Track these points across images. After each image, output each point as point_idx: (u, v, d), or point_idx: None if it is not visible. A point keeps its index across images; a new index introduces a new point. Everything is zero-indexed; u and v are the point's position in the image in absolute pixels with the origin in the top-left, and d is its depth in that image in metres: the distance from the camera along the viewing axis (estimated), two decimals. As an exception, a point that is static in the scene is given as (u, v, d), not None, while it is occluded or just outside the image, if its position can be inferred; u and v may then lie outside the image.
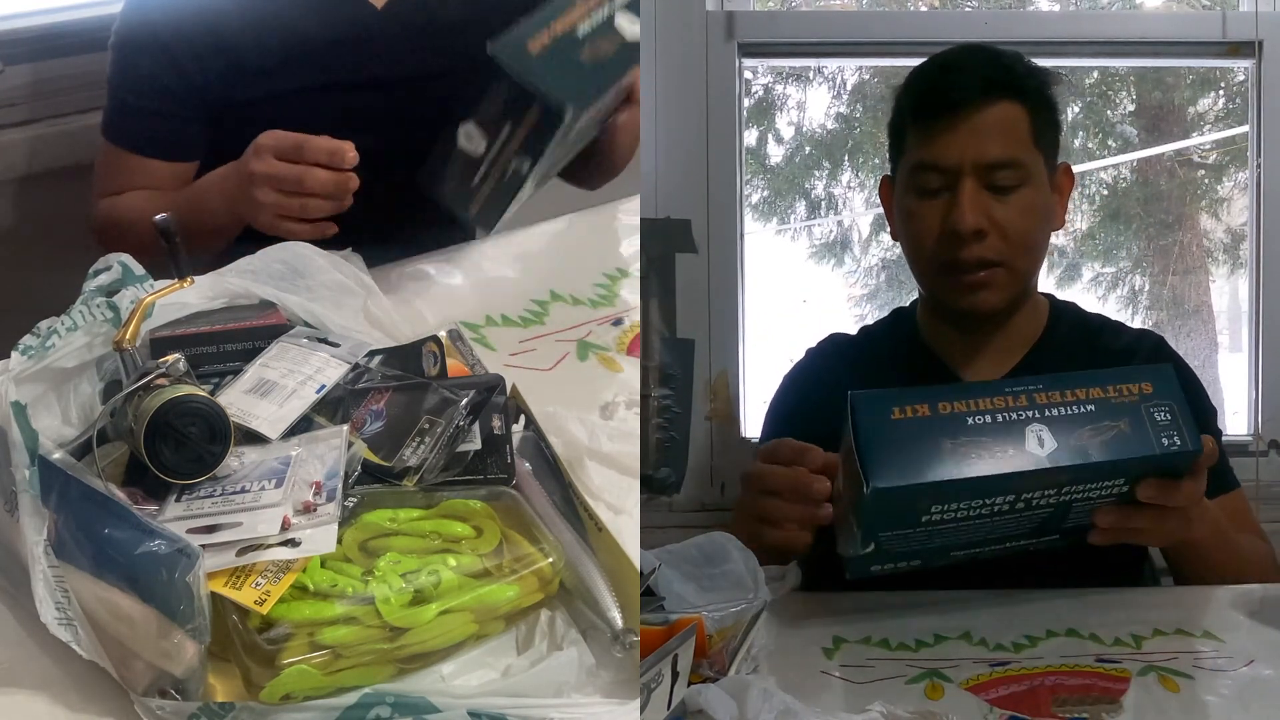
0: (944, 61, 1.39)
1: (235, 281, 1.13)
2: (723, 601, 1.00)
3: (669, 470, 2.01)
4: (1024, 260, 1.36)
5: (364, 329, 1.17)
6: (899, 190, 1.41)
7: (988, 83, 1.33)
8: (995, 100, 1.32)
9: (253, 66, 1.50)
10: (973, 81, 1.33)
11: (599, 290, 1.43)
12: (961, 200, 1.31)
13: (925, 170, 1.34)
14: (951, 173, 1.32)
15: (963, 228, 1.30)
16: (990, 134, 1.32)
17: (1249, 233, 2.12)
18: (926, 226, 1.35)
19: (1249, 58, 2.03)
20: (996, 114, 1.32)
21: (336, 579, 0.84)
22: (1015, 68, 1.36)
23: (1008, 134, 1.33)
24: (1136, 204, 2.30)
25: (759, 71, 2.24)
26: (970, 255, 1.32)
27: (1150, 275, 2.31)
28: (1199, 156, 2.31)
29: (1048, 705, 0.94)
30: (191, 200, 1.48)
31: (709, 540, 1.11)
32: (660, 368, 2.01)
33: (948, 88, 1.34)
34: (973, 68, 1.36)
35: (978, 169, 1.32)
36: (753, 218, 2.25)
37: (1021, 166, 1.33)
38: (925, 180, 1.34)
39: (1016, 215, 1.33)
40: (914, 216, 1.36)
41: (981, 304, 1.35)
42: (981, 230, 1.31)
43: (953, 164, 1.32)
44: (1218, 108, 2.30)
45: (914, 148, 1.36)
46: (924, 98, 1.36)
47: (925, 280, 1.41)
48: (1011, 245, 1.33)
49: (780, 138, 2.31)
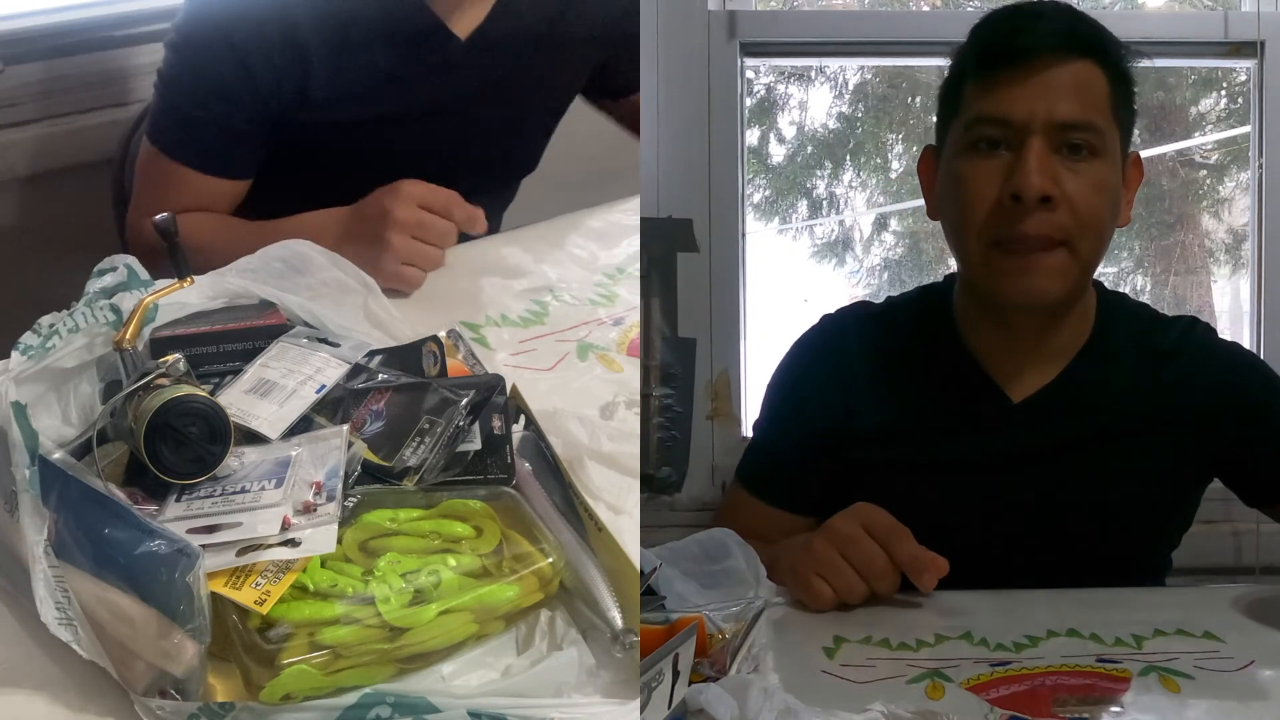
0: (1020, 8, 1.22)
1: (235, 281, 1.13)
2: (724, 599, 1.00)
3: (670, 470, 2.00)
4: (1089, 244, 1.18)
5: (364, 329, 1.17)
6: (948, 154, 1.22)
7: (1068, 36, 1.17)
8: (1076, 57, 1.16)
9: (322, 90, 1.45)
10: (1051, 31, 1.17)
11: (599, 290, 1.43)
12: (1029, 159, 1.14)
13: (985, 123, 1.17)
14: (1017, 130, 1.15)
15: (1028, 190, 1.13)
16: (1067, 91, 1.15)
17: (1250, 233, 2.12)
18: (981, 191, 1.16)
19: (1251, 58, 2.03)
20: (1075, 71, 1.16)
21: (336, 579, 0.84)
22: (1100, 27, 1.21)
23: (1086, 94, 1.16)
24: (1138, 204, 2.29)
25: (761, 71, 2.24)
26: (1033, 228, 1.15)
27: (1152, 275, 2.30)
28: (1201, 156, 2.30)
29: (1048, 705, 0.94)
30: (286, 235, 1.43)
31: (709, 537, 1.11)
32: (661, 367, 2.01)
33: (1022, 33, 1.17)
34: (1054, 17, 1.19)
35: (1050, 128, 1.15)
36: (754, 217, 2.25)
37: (1098, 131, 1.16)
38: (985, 133, 1.17)
39: (1089, 188, 1.15)
40: (966, 179, 1.18)
41: (1038, 291, 1.17)
42: (1049, 196, 1.14)
43: (1020, 118, 1.15)
44: (1219, 108, 2.29)
45: (973, 101, 1.19)
46: (992, 44, 1.19)
47: (970, 260, 1.21)
48: (1080, 222, 1.16)
49: (782, 137, 2.31)
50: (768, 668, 0.99)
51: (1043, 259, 1.16)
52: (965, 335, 1.28)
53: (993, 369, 1.26)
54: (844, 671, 1.01)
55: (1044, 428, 1.24)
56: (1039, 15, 1.20)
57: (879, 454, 1.28)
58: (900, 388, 1.30)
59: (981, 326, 1.27)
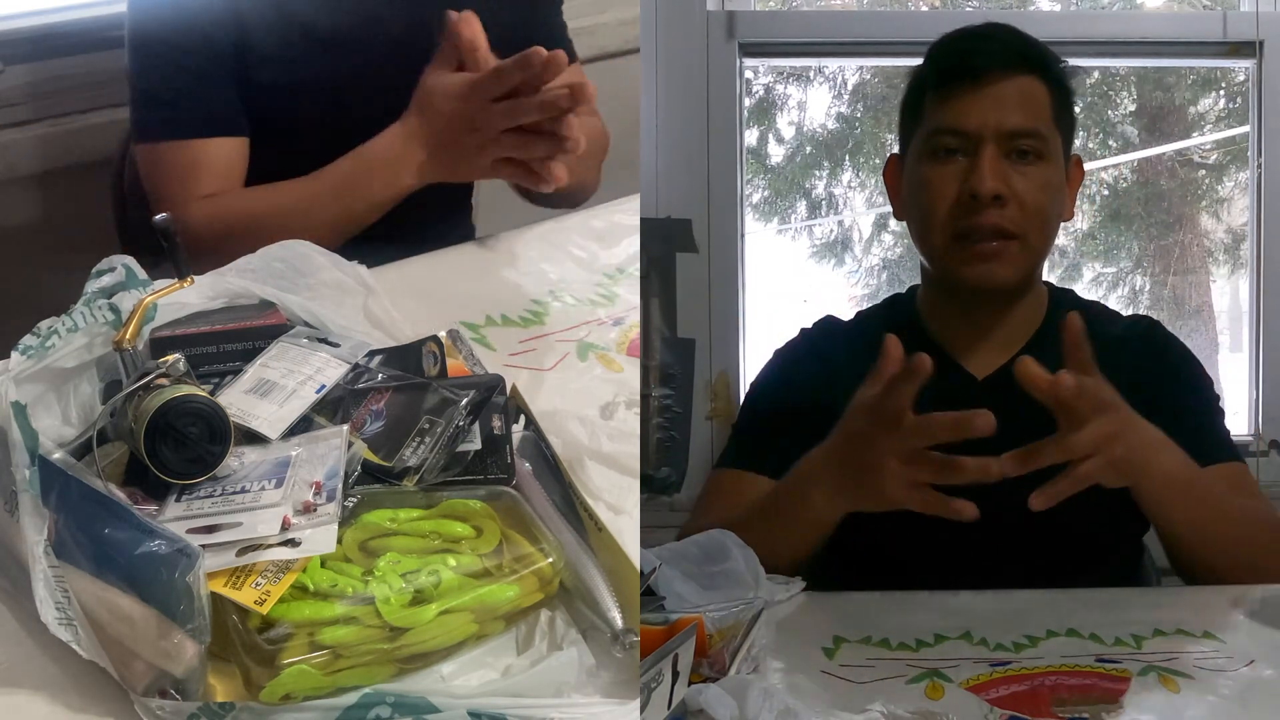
0: (971, 31, 1.39)
1: (235, 281, 1.13)
2: (724, 599, 1.00)
3: (669, 470, 2.01)
4: (1038, 236, 1.34)
5: (364, 329, 1.17)
6: (911, 162, 1.38)
7: (1013, 55, 1.33)
8: (1020, 72, 1.32)
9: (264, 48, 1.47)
10: (999, 50, 1.33)
11: (599, 290, 1.43)
12: (982, 164, 1.30)
13: (944, 134, 1.33)
14: (971, 139, 1.31)
15: (983, 190, 1.29)
16: (1013, 103, 1.31)
17: (1249, 233, 2.12)
18: (941, 192, 1.32)
19: (1250, 58, 2.04)
20: (1020, 85, 1.32)
21: (336, 579, 0.84)
22: (1040, 46, 1.37)
23: (1030, 105, 1.32)
24: (1137, 204, 2.30)
25: (760, 71, 2.24)
26: (987, 221, 1.30)
27: (1151, 275, 2.31)
28: (1200, 156, 2.31)
29: (1048, 705, 0.94)
30: (346, 180, 1.43)
31: (709, 538, 1.11)
32: (660, 367, 2.01)
33: (973, 53, 1.34)
34: (999, 38, 1.36)
35: (999, 136, 1.31)
36: (753, 217, 2.25)
37: (1042, 138, 1.32)
38: (943, 142, 1.33)
39: (1035, 188, 1.31)
40: (928, 184, 1.34)
41: (994, 276, 1.33)
42: (1001, 195, 1.29)
43: (973, 129, 1.31)
44: (1218, 108, 2.30)
45: (933, 114, 1.35)
46: (949, 62, 1.36)
47: (935, 253, 1.37)
48: (1028, 217, 1.31)
49: (781, 137, 2.31)
50: (768, 668, 0.99)
51: (998, 248, 1.31)
52: (929, 325, 1.42)
53: (956, 352, 1.39)
54: (844, 671, 1.01)
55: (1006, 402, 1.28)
56: (989, 36, 1.38)
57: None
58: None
59: (944, 314, 1.41)
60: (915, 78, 1.41)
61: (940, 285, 1.40)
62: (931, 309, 1.43)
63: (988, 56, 1.33)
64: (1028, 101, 1.32)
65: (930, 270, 1.41)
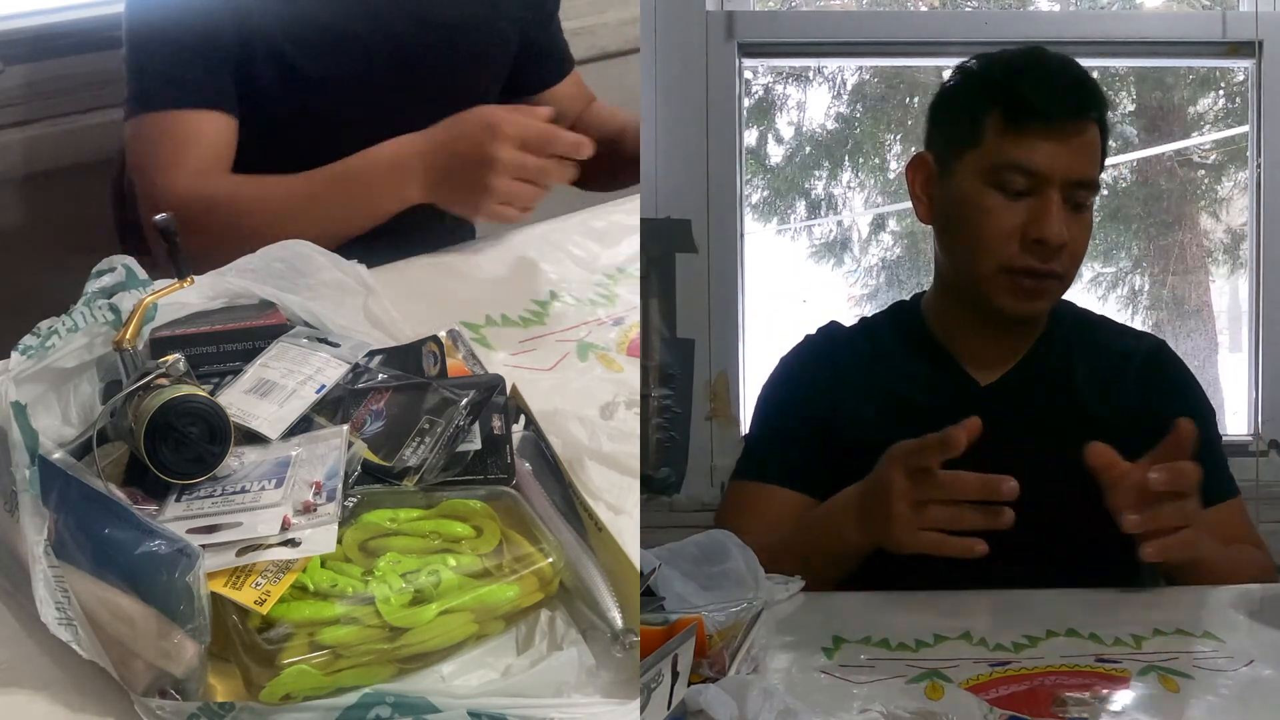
0: (1043, 62, 1.38)
1: (235, 281, 1.13)
2: (723, 600, 1.00)
3: (669, 470, 2.01)
4: (1073, 275, 1.38)
5: (364, 329, 1.17)
6: (966, 180, 1.37)
7: (1086, 98, 1.34)
8: (1086, 119, 1.34)
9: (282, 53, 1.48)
10: (1072, 94, 1.34)
11: (599, 290, 1.43)
12: (1052, 210, 1.31)
13: (1013, 170, 1.33)
14: (1038, 179, 1.32)
15: (1054, 239, 1.31)
16: (1082, 151, 1.33)
17: (1249, 233, 2.12)
18: (1003, 227, 1.33)
19: (1249, 58, 2.04)
20: (1086, 132, 1.34)
21: (336, 579, 0.84)
22: (1098, 86, 1.38)
23: (1093, 154, 1.34)
24: (1136, 204, 2.30)
25: (759, 71, 2.24)
26: (1044, 264, 1.33)
27: (1150, 275, 2.31)
28: (1199, 156, 2.31)
29: (1048, 705, 0.94)
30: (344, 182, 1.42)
31: (708, 538, 1.11)
32: (660, 368, 2.01)
33: (1050, 93, 1.33)
34: (1070, 75, 1.36)
35: (1066, 184, 1.32)
36: (753, 218, 2.25)
37: (1097, 189, 1.36)
38: (1011, 180, 1.33)
39: (1081, 233, 1.35)
40: (991, 213, 1.34)
41: (1033, 309, 1.37)
42: (1065, 244, 1.32)
43: (1044, 171, 1.31)
44: (1217, 107, 2.30)
45: (1000, 145, 1.34)
46: (1023, 98, 1.33)
47: (977, 278, 1.37)
48: (1074, 261, 1.36)
49: (780, 138, 2.31)
50: (767, 668, 0.99)
51: (1045, 287, 1.35)
52: (936, 332, 1.44)
53: (962, 359, 1.42)
54: (844, 671, 1.01)
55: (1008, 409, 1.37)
56: (1060, 73, 1.36)
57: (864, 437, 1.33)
58: (880, 380, 1.43)
59: (954, 323, 1.43)
60: (972, 90, 1.39)
61: (959, 298, 1.41)
62: (940, 317, 1.44)
63: (1063, 100, 1.33)
64: (1091, 149, 1.34)
65: (954, 283, 1.42)
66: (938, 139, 1.41)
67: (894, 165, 2.31)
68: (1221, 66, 2.19)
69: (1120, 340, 1.46)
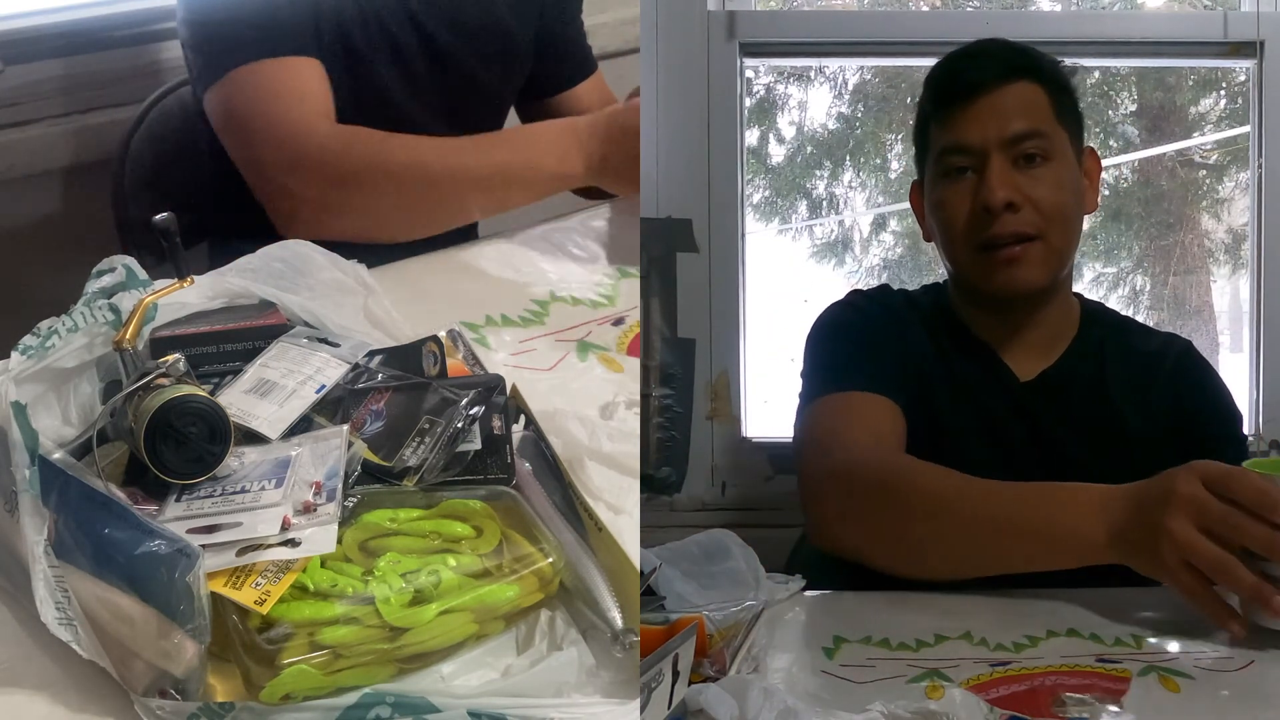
0: (961, 51, 1.42)
1: (235, 281, 1.13)
2: (724, 599, 1.00)
3: (669, 470, 2.01)
4: (1059, 236, 1.35)
5: (364, 329, 1.17)
6: (928, 185, 1.42)
7: (1005, 65, 1.36)
8: (1014, 80, 1.35)
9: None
10: (990, 64, 1.37)
11: (599, 290, 1.43)
12: (990, 176, 1.32)
13: (951, 153, 1.36)
14: (978, 153, 1.34)
15: (993, 201, 1.31)
16: (1010, 110, 1.34)
17: (1250, 233, 2.12)
18: (957, 209, 1.35)
19: (1250, 58, 2.04)
20: (1016, 92, 1.35)
21: (336, 579, 0.84)
22: (1030, 52, 1.40)
23: (1028, 109, 1.35)
24: (1138, 204, 2.30)
25: (760, 71, 2.24)
26: (1004, 229, 1.32)
27: (1151, 275, 2.31)
28: (1200, 157, 2.31)
29: (1048, 705, 0.94)
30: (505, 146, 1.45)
31: (709, 538, 1.11)
32: (661, 367, 2.01)
33: (965, 70, 1.38)
34: (990, 53, 1.40)
35: (1003, 144, 1.33)
36: (754, 217, 2.25)
37: (1045, 137, 1.34)
38: (952, 162, 1.36)
39: (1047, 189, 1.34)
40: (944, 202, 1.37)
41: (1018, 280, 1.34)
42: (1013, 203, 1.32)
43: (977, 142, 1.34)
44: (1219, 108, 2.30)
45: (937, 136, 1.39)
46: (944, 84, 1.39)
47: (961, 266, 1.40)
48: (1046, 218, 1.33)
49: (781, 137, 2.31)
50: (768, 668, 0.99)
51: (1019, 252, 1.33)
52: (970, 325, 1.44)
53: (1001, 351, 1.42)
54: (844, 671, 1.01)
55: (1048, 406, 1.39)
56: (977, 53, 1.40)
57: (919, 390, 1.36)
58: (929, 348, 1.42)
59: (977, 313, 1.43)
60: (919, 106, 1.44)
61: (971, 295, 1.43)
62: (963, 309, 1.45)
63: (979, 71, 1.36)
64: (1025, 106, 1.35)
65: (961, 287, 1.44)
66: (916, 162, 1.47)
67: (895, 165, 2.32)
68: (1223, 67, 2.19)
69: (1148, 341, 1.47)
